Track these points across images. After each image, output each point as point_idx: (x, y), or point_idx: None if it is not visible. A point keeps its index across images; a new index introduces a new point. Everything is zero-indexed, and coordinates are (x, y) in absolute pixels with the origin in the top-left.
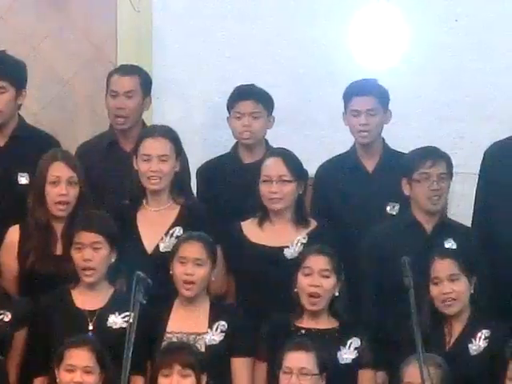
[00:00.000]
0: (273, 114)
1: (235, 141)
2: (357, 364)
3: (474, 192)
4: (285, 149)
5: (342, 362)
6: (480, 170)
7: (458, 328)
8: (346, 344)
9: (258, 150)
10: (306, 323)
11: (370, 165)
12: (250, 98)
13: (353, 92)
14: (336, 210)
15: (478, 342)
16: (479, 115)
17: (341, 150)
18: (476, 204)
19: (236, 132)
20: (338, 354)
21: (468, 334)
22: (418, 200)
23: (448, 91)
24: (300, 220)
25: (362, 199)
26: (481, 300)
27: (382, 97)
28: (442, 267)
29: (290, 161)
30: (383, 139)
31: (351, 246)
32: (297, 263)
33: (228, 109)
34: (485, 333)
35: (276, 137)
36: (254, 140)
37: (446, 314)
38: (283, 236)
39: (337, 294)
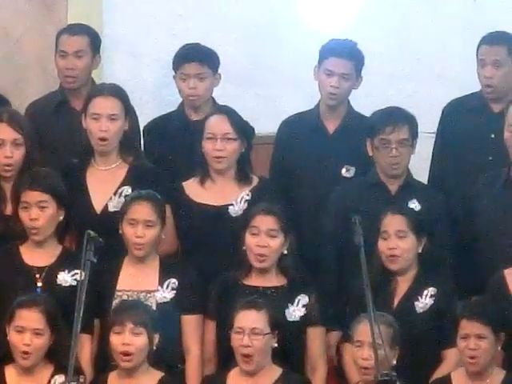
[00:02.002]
0: (222, 73)
1: None
2: (305, 321)
3: (424, 150)
4: (229, 107)
5: (290, 320)
6: (437, 128)
7: (404, 286)
8: (293, 301)
9: (205, 107)
10: (254, 281)
11: (331, 126)
12: (195, 59)
13: (330, 51)
14: (293, 168)
15: (425, 300)
16: (429, 74)
17: (290, 109)
18: (433, 162)
19: (182, 93)
20: (286, 311)
21: (414, 292)
22: (379, 164)
23: (398, 50)
24: (243, 178)
25: (319, 160)
26: (442, 259)
27: (359, 63)
28: (392, 222)
29: (235, 119)
30: (348, 101)
31: (305, 206)
32: (241, 221)
33: (174, 69)
34: (431, 291)
35: (225, 95)
36: (201, 101)
37: (392, 272)
38: (227, 194)
39: (285, 252)
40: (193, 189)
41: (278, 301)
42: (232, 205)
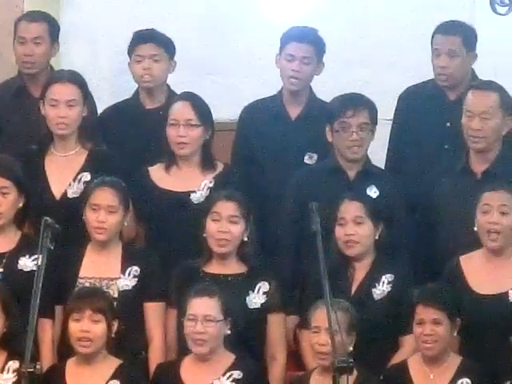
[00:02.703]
0: (179, 60)
1: None
2: (266, 308)
3: (381, 136)
4: (193, 93)
5: (251, 307)
6: (394, 115)
7: (361, 273)
8: (254, 288)
9: (159, 95)
10: (214, 268)
11: (293, 112)
12: (150, 41)
13: (291, 36)
14: (255, 154)
15: (382, 287)
16: (387, 60)
17: (248, 96)
18: (389, 149)
19: (137, 76)
20: (247, 298)
21: (372, 279)
22: (339, 148)
23: (355, 37)
24: (207, 164)
25: (282, 146)
26: (400, 246)
27: (319, 47)
28: (349, 209)
29: (198, 105)
30: (311, 88)
31: (267, 192)
32: (204, 208)
33: (129, 54)
34: (388, 277)
35: (182, 82)
36: (155, 83)
37: (349, 258)
38: (190, 181)
39: (246, 239)
40: (158, 174)
41: (238, 288)
42: (194, 191)
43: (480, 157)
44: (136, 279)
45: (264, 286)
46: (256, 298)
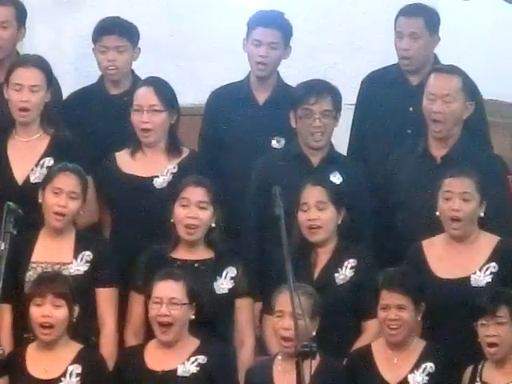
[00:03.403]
0: (143, 45)
1: None
2: (233, 293)
3: (344, 121)
4: (158, 78)
5: (219, 292)
6: (357, 100)
7: (324, 258)
8: (221, 274)
9: (124, 81)
10: (181, 254)
11: (261, 97)
12: (114, 32)
13: (258, 21)
14: (223, 139)
15: (345, 272)
16: (350, 45)
17: (212, 81)
18: (352, 133)
19: (101, 66)
20: (215, 284)
21: (334, 264)
22: (302, 135)
23: (319, 21)
24: (172, 150)
25: (249, 131)
26: (362, 231)
27: (286, 32)
28: (312, 194)
29: (162, 90)
30: (278, 73)
31: (234, 177)
32: (167, 193)
33: (93, 41)
34: (351, 262)
35: (146, 67)
36: (120, 74)
37: (312, 244)
38: (154, 166)
39: (213, 225)
40: (124, 159)
41: (206, 274)
42: (157, 176)
43: (440, 141)
44: (88, 264)
45: (231, 271)
46: (224, 284)
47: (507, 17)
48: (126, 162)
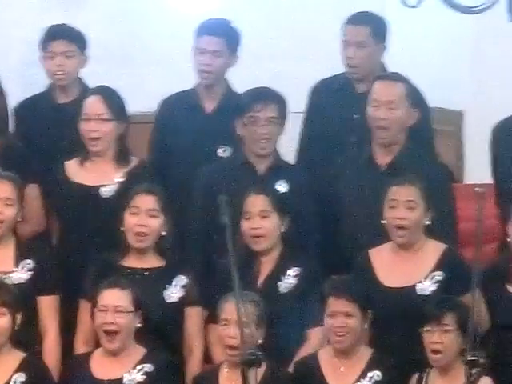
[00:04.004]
0: (91, 52)
1: None
2: (183, 302)
3: (291, 129)
4: (106, 87)
5: (169, 301)
6: (306, 107)
7: (268, 266)
8: (171, 282)
9: (73, 89)
10: (131, 262)
11: (209, 105)
12: (62, 37)
13: (203, 30)
14: (172, 147)
15: (288, 280)
16: (297, 53)
17: (160, 89)
18: (300, 142)
19: (49, 72)
20: (164, 292)
21: (278, 272)
22: (248, 142)
23: (266, 28)
24: (121, 159)
25: (197, 139)
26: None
27: (232, 40)
28: (255, 203)
29: (110, 99)
30: (226, 81)
31: (182, 185)
32: (115, 202)
33: (41, 48)
34: (295, 270)
35: (94, 75)
36: (68, 80)
37: (256, 252)
38: (102, 175)
39: (164, 233)
40: (72, 168)
41: (155, 282)
42: (105, 186)
43: (384, 149)
44: (30, 272)
45: (181, 280)
46: (174, 292)
47: (453, 25)
48: (75, 171)
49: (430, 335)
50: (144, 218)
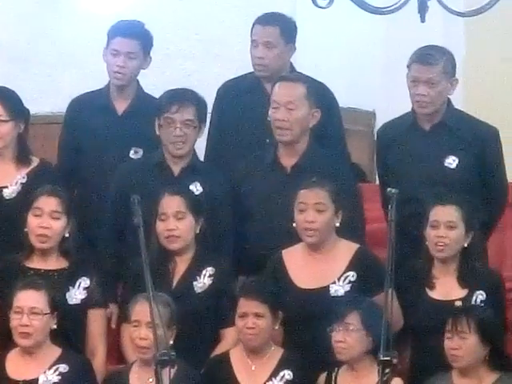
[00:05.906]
0: (0, 52)
1: None
2: (86, 303)
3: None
4: (3, 87)
5: (71, 303)
6: (212, 109)
7: (183, 267)
8: (74, 284)
9: None
10: (35, 263)
11: (120, 107)
12: None
13: (117, 31)
14: (82, 147)
15: (203, 280)
16: (208, 53)
17: (70, 89)
18: (208, 142)
19: None
20: (67, 294)
21: (193, 272)
22: (164, 143)
23: (176, 29)
24: (21, 159)
25: (108, 140)
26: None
27: (146, 42)
28: (169, 203)
29: (6, 99)
30: (138, 82)
31: (92, 186)
32: (17, 203)
33: None
34: (209, 270)
35: (3, 75)
36: None
37: (171, 252)
38: (3, 176)
39: (67, 234)
40: None
41: (59, 284)
42: (7, 187)
43: (288, 150)
44: None
45: (84, 282)
46: (76, 294)
47: (364, 25)
48: None
49: (334, 334)
50: (46, 220)
